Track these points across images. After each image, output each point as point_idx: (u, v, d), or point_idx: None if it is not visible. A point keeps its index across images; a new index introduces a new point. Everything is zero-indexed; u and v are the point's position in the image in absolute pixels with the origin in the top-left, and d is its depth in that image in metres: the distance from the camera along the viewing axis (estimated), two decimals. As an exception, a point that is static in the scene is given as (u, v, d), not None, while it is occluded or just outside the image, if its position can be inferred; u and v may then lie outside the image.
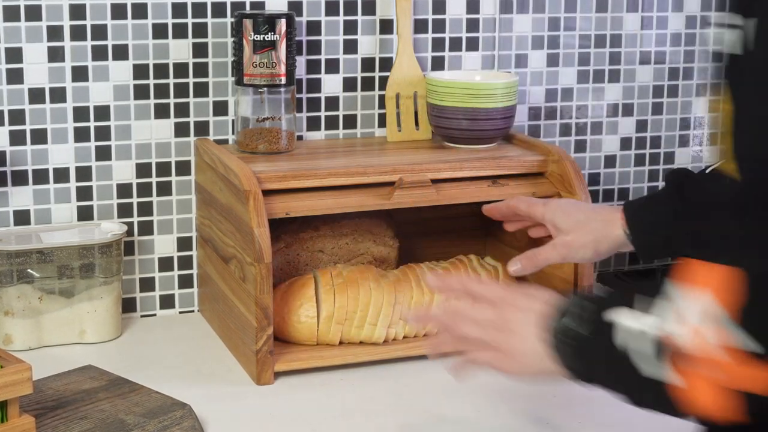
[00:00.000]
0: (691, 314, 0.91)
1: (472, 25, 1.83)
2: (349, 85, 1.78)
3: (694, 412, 0.93)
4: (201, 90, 1.70)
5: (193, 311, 1.76)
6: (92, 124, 1.66)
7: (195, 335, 1.66)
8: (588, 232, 1.40)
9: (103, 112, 1.66)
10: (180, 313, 1.75)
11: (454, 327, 1.15)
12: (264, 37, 1.61)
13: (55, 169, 1.66)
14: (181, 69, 1.69)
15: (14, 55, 1.61)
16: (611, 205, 1.43)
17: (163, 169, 1.71)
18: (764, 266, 0.90)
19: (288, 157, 1.64)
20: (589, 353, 1.02)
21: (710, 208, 1.26)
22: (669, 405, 0.95)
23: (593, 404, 1.41)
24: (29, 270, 1.57)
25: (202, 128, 1.72)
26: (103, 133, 1.67)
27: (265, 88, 1.64)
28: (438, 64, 1.82)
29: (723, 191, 1.15)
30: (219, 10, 1.69)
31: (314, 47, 1.75)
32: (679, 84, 1.97)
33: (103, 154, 1.67)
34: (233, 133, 1.73)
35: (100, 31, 1.64)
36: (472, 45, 1.83)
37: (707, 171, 1.36)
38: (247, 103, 1.66)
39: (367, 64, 1.78)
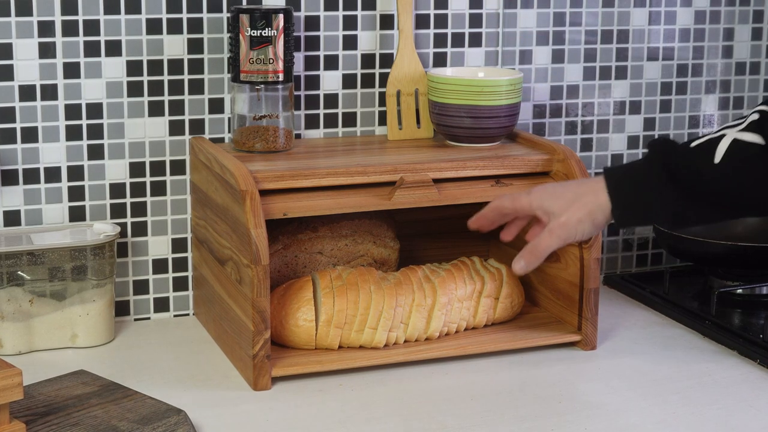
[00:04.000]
0: None
1: (475, 20, 1.82)
2: (348, 82, 1.78)
3: None
4: (196, 87, 1.69)
5: (188, 314, 1.76)
6: (84, 122, 1.65)
7: (190, 339, 1.66)
8: (580, 207, 1.39)
9: (95, 109, 1.66)
10: (174, 316, 1.75)
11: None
12: (261, 33, 1.60)
13: (46, 169, 1.65)
14: (175, 65, 1.68)
15: (4, 51, 1.60)
16: (592, 177, 1.42)
17: (158, 168, 1.70)
18: None
19: (286, 156, 1.64)
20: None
21: (697, 189, 1.32)
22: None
23: (598, 410, 1.42)
24: (19, 272, 1.56)
25: (197, 126, 1.71)
26: (96, 132, 1.66)
27: (262, 85, 1.64)
28: (440, 60, 1.82)
29: (709, 170, 1.31)
30: (215, 5, 1.68)
31: (313, 43, 1.74)
32: (687, 81, 1.97)
33: (96, 153, 1.67)
34: (229, 132, 1.72)
35: (92, 27, 1.63)
36: (475, 41, 1.83)
37: (692, 145, 1.35)
38: (243, 101, 1.65)
39: (367, 60, 1.78)
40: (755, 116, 1.32)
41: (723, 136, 1.32)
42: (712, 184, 1.32)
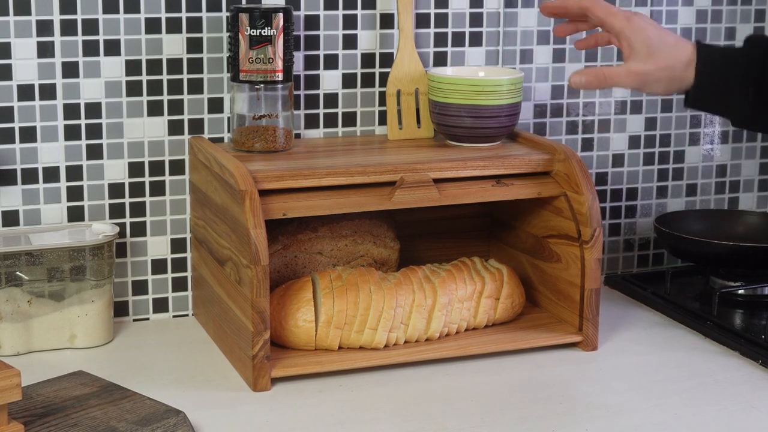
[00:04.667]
0: None
1: (476, 19, 1.81)
2: (348, 81, 1.77)
3: None
4: (195, 86, 1.69)
5: (187, 315, 1.75)
6: (83, 121, 1.65)
7: (189, 340, 1.65)
8: (665, 67, 1.37)
9: (94, 109, 1.65)
10: (174, 317, 1.74)
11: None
12: (260, 32, 1.59)
13: (44, 169, 1.64)
14: (174, 65, 1.67)
15: (2, 50, 1.59)
16: (687, 42, 1.42)
17: (157, 168, 1.69)
18: None
19: (285, 156, 1.63)
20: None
21: None
22: None
23: (600, 411, 1.42)
24: (18, 272, 1.56)
25: (196, 126, 1.70)
26: (95, 131, 1.65)
27: (262, 85, 1.63)
28: (440, 59, 1.81)
29: None
30: (214, 4, 1.67)
31: (312, 42, 1.74)
32: (689, 80, 1.95)
33: (95, 152, 1.66)
34: (229, 131, 1.72)
35: (91, 26, 1.62)
36: (476, 40, 1.82)
37: None
38: (243, 100, 1.64)
39: (367, 59, 1.77)
40: None
41: None
42: None
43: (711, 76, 1.35)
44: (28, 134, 1.62)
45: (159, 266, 1.72)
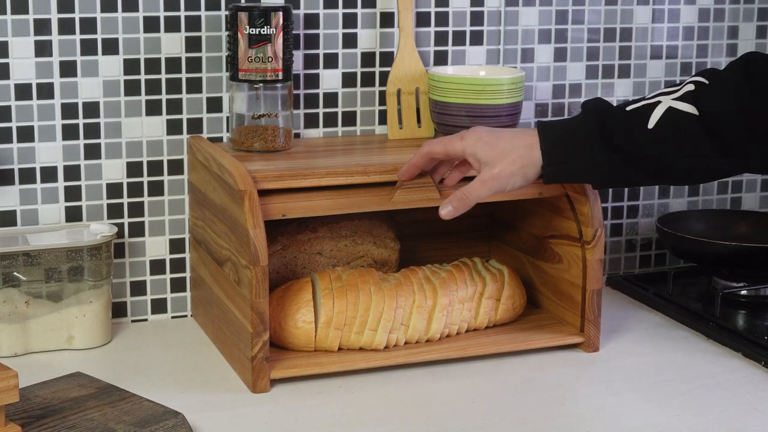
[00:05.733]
0: None
1: (477, 18, 1.81)
2: (348, 80, 1.76)
3: None
4: (194, 86, 1.68)
5: (185, 316, 1.75)
6: (81, 121, 1.64)
7: (188, 341, 1.65)
8: (514, 160, 1.40)
9: (92, 108, 1.64)
10: (172, 317, 1.74)
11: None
12: (260, 31, 1.59)
13: (42, 168, 1.64)
14: (173, 64, 1.67)
15: (0, 49, 1.59)
16: (527, 128, 1.47)
17: (155, 168, 1.69)
18: None
19: (285, 156, 1.62)
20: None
21: (629, 153, 1.35)
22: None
23: (601, 412, 1.41)
24: (15, 273, 1.55)
25: (195, 125, 1.70)
26: (93, 131, 1.65)
27: (261, 84, 1.62)
28: (441, 58, 1.81)
29: (642, 135, 1.33)
30: (213, 3, 1.67)
31: (312, 41, 1.73)
32: (691, 79, 1.94)
33: (93, 152, 1.66)
34: (228, 131, 1.71)
35: (89, 25, 1.62)
36: (477, 39, 1.82)
37: (627, 108, 1.37)
38: (242, 100, 1.63)
39: (367, 58, 1.76)
40: (691, 87, 1.35)
41: (658, 102, 1.35)
42: (643, 149, 1.34)
43: (558, 151, 1.38)
44: (26, 134, 1.61)
45: (157, 267, 1.71)
